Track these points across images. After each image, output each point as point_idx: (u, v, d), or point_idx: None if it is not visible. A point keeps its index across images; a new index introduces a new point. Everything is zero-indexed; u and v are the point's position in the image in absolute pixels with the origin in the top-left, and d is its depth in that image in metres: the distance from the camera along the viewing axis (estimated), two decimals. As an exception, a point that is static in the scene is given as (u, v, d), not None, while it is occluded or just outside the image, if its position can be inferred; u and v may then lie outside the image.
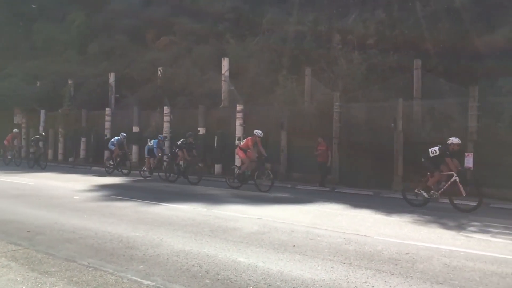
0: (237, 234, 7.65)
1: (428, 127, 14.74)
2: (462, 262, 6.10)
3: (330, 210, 10.67)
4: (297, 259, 6.17)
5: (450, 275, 5.52)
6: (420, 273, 5.59)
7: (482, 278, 5.42)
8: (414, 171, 14.05)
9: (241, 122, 18.57)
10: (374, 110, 15.73)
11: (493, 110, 13.59)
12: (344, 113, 16.21)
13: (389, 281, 5.29)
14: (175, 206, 10.66)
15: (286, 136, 17.37)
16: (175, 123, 20.97)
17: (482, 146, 13.39)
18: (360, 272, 5.60)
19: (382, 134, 15.17)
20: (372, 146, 15.15)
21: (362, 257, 6.31)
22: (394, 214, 10.10)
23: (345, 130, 16.12)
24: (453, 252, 6.68)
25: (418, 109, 14.96)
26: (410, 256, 6.38)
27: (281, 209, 10.59)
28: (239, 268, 5.71)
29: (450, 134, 13.90)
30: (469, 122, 13.59)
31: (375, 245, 6.97)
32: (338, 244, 7.04)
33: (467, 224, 9.03)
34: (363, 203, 11.73)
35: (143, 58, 25.05)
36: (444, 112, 14.54)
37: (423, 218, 9.64)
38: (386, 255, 6.43)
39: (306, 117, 17.15)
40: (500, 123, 13.49)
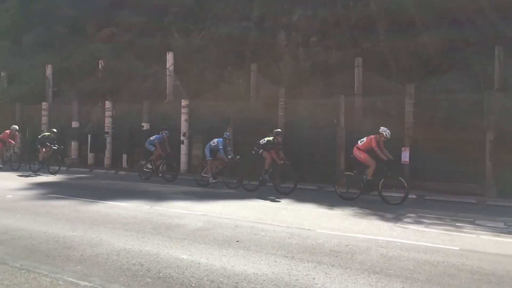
0: (180, 231, 7.54)
1: (369, 123, 15.26)
2: (398, 252, 6.37)
3: (275, 205, 10.79)
4: (241, 254, 6.18)
5: (387, 265, 5.75)
6: (358, 264, 5.78)
7: (416, 267, 5.68)
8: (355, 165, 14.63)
9: (186, 117, 18.34)
10: (318, 106, 16.06)
11: (429, 107, 14.28)
12: (289, 109, 16.43)
13: (330, 272, 5.42)
14: (117, 204, 10.34)
15: (232, 132, 17.32)
16: (117, 118, 20.34)
17: (418, 141, 14.07)
18: (302, 265, 5.70)
19: (325, 129, 15.53)
20: (316, 142, 15.50)
21: (305, 250, 6.42)
22: (337, 207, 10.38)
23: (290, 126, 16.34)
24: (390, 242, 6.96)
25: (359, 106, 15.44)
26: (350, 248, 6.58)
27: (225, 205, 10.57)
28: (181, 265, 5.62)
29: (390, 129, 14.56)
30: (406, 118, 14.21)
31: (317, 238, 7.12)
32: (282, 238, 7.13)
33: (403, 215, 9.45)
34: (307, 197, 11.95)
35: (84, 50, 24.06)
36: (384, 109, 15.13)
37: (363, 211, 9.98)
38: (328, 247, 6.59)
39: (252, 113, 17.22)
40: (435, 120, 14.22)
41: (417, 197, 12.34)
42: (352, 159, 12.10)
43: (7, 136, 18.41)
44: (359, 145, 11.67)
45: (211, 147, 14.17)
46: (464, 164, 12.59)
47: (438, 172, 13.46)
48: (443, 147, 13.52)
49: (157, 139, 15.80)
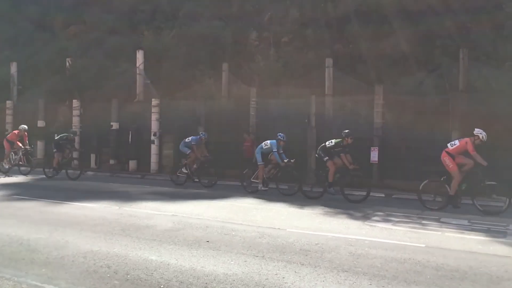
0: (150, 232, 7.44)
1: (339, 123, 15.45)
2: (366, 250, 6.48)
3: (246, 205, 10.79)
4: (211, 254, 6.15)
5: (355, 263, 5.84)
6: (328, 262, 5.84)
7: (383, 264, 5.79)
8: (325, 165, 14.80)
9: (157, 117, 18.12)
10: (289, 106, 16.15)
11: (396, 107, 14.58)
12: (261, 109, 16.47)
13: (299, 271, 5.46)
14: (84, 205, 10.12)
15: (203, 131, 17.20)
16: (86, 117, 19.90)
17: (387, 141, 14.34)
18: (272, 264, 5.72)
19: (296, 129, 15.63)
20: (287, 141, 15.54)
21: (275, 249, 6.45)
22: (307, 207, 10.47)
23: (261, 126, 16.38)
24: (359, 241, 7.07)
25: (329, 106, 15.61)
26: (319, 246, 6.65)
27: (196, 205, 10.50)
28: (150, 266, 5.55)
29: (358, 129, 14.82)
30: (375, 118, 14.47)
31: (287, 238, 7.16)
32: (252, 238, 7.14)
33: (372, 214, 9.62)
34: (278, 197, 12.00)
35: (50, 47, 23.42)
36: (353, 109, 15.35)
37: (333, 210, 10.10)
38: (298, 246, 6.63)
39: (224, 112, 17.18)
40: (403, 120, 14.52)
41: (385, 196, 12.60)
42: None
43: (16, 137, 16.51)
44: (449, 149, 10.32)
45: (263, 150, 12.70)
46: (431, 163, 12.86)
47: (406, 171, 13.75)
48: (410, 146, 13.83)
49: (194, 141, 14.44)
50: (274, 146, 12.56)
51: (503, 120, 12.56)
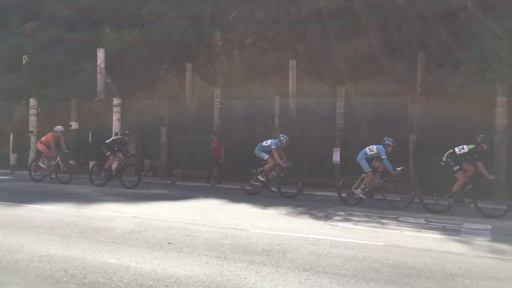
0: (109, 234, 7.27)
1: (302, 124, 15.65)
2: (327, 249, 6.58)
3: (209, 206, 10.73)
4: (173, 256, 6.07)
5: (316, 262, 5.91)
6: (289, 262, 5.88)
7: (344, 263, 5.89)
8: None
9: (118, 116, 17.75)
10: (253, 107, 16.22)
11: (358, 109, 14.90)
12: (225, 109, 16.44)
13: (261, 271, 5.48)
14: (41, 207, 9.77)
15: (166, 131, 17.05)
16: (43, 117, 19.24)
17: (348, 141, 14.62)
18: (234, 265, 5.71)
19: (260, 130, 15.70)
20: (251, 142, 15.57)
21: (237, 250, 6.44)
22: (270, 207, 10.52)
23: (225, 126, 16.35)
24: (320, 240, 7.17)
25: (293, 107, 15.78)
26: (281, 246, 6.69)
27: (159, 206, 10.35)
28: (109, 270, 5.42)
29: (322, 131, 15.06)
30: (337, 119, 14.72)
31: (250, 238, 7.17)
32: (215, 239, 7.10)
33: (333, 214, 9.77)
34: (242, 197, 12.00)
35: (6, 44, 22.51)
36: (316, 110, 15.58)
37: (296, 210, 10.19)
38: (260, 247, 6.65)
39: (187, 112, 17.05)
40: (363, 121, 14.85)
41: (346, 195, 12.78)
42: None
43: (52, 139, 14.58)
44: None
45: (368, 156, 11.25)
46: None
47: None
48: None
49: (274, 145, 12.52)
50: (382, 151, 11.02)
51: (457, 122, 13.05)
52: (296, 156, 14.95)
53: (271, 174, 12.63)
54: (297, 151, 14.96)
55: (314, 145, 14.67)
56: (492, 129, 12.58)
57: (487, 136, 10.50)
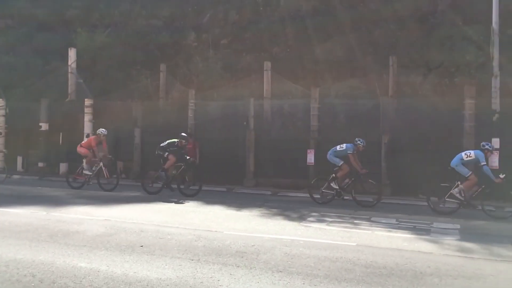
0: (80, 237, 7.12)
1: (277, 125, 15.71)
2: (301, 250, 6.61)
3: (183, 208, 10.65)
4: (145, 259, 5.99)
5: (289, 263, 5.93)
6: (263, 263, 5.89)
7: (317, 264, 5.94)
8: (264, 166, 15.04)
9: (90, 118, 17.43)
10: (228, 108, 16.18)
11: (332, 111, 15.05)
12: (199, 111, 16.35)
13: (235, 273, 5.46)
14: (8, 210, 9.48)
15: (140, 133, 16.84)
16: (12, 117, 18.71)
17: (322, 143, 14.74)
18: (208, 267, 5.68)
19: (235, 131, 15.69)
20: (226, 143, 15.59)
21: (211, 252, 6.40)
22: (245, 208, 10.51)
23: (200, 127, 16.27)
24: (294, 241, 7.20)
25: (268, 109, 15.82)
26: (255, 248, 6.69)
27: (131, 209, 10.20)
28: (79, 274, 5.30)
29: (296, 132, 15.15)
30: (311, 121, 14.84)
31: (224, 240, 7.14)
32: (188, 241, 7.04)
33: (307, 215, 9.83)
34: (217, 199, 11.95)
35: (-28, 42, 21.79)
36: (291, 112, 15.67)
37: (270, 211, 10.22)
38: (234, 248, 6.63)
39: (161, 113, 16.89)
40: (337, 123, 15.02)
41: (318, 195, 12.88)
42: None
43: (94, 143, 13.58)
44: None
45: (466, 161, 10.36)
46: (364, 165, 13.29)
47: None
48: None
49: (350, 149, 11.47)
50: (481, 157, 10.21)
51: (428, 124, 13.36)
52: (271, 158, 15.06)
53: (345, 181, 11.54)
54: (272, 153, 15.04)
55: (289, 146, 14.73)
56: (461, 131, 12.92)
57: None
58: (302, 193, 13.39)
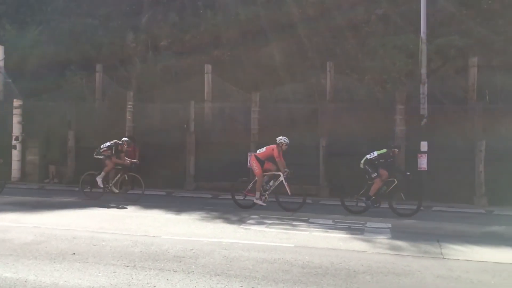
0: (5, 246, 6.69)
1: (218, 128, 15.67)
2: (239, 253, 6.63)
3: (120, 213, 10.33)
4: (77, 267, 5.74)
5: (228, 266, 5.93)
6: (201, 268, 5.84)
7: (255, 266, 5.98)
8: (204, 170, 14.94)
9: (19, 119, 16.46)
10: (168, 111, 15.92)
11: (271, 115, 15.25)
12: (138, 113, 15.94)
13: (172, 278, 5.37)
14: None
15: (74, 135, 16.12)
16: None
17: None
18: (144, 273, 5.54)
19: (175, 135, 15.46)
20: (166, 146, 15.31)
21: (147, 258, 6.26)
22: (184, 212, 10.37)
23: (139, 130, 15.85)
24: (233, 244, 7.21)
25: (208, 112, 15.75)
26: (194, 252, 6.62)
27: (64, 215, 9.74)
28: (4, 285, 4.98)
29: (237, 135, 15.19)
30: (252, 125, 14.95)
31: (161, 245, 7.00)
32: (124, 247, 6.83)
33: (247, 217, 9.88)
34: (156, 203, 11.69)
35: None
36: (232, 115, 15.70)
37: (210, 214, 10.16)
38: (172, 253, 6.52)
39: (98, 115, 16.28)
40: (277, 126, 15.23)
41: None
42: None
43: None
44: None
45: None
46: (304, 167, 13.55)
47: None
48: (285, 152, 14.54)
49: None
50: None
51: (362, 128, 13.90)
52: (212, 161, 14.97)
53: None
54: (213, 156, 14.96)
55: (230, 149, 14.73)
56: (393, 135, 13.57)
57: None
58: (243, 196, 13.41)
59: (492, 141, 12.72)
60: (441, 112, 13.62)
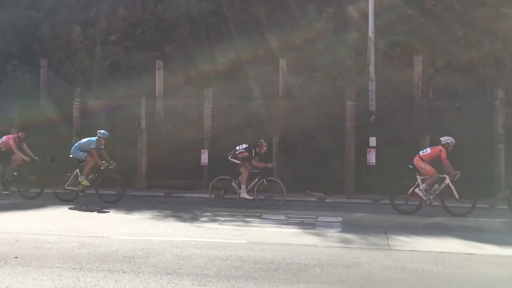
0: None
1: (170, 125, 15.43)
2: (191, 251, 6.56)
3: (67, 213, 9.96)
4: (20, 271, 5.48)
5: (179, 265, 5.85)
6: (152, 267, 5.73)
7: (207, 263, 5.94)
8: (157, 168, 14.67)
9: (-48, 117, 15.46)
10: (118, 108, 15.48)
11: (225, 111, 15.20)
12: (86, 110, 15.41)
13: (120, 280, 5.24)
14: None
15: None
16: None
17: (216, 143, 14.82)
18: (91, 276, 5.37)
19: (126, 132, 15.07)
20: (116, 144, 14.86)
21: (95, 259, 6.06)
22: (135, 211, 10.15)
23: (87, 128, 15.31)
24: (185, 242, 7.13)
25: (160, 108, 15.47)
26: (144, 252, 6.49)
27: (5, 217, 9.28)
28: None
29: (190, 132, 15.03)
30: (205, 121, 14.84)
31: (110, 245, 6.81)
32: (71, 249, 6.59)
33: (200, 215, 9.80)
34: (105, 203, 11.34)
35: None
36: (185, 112, 15.50)
37: (162, 213, 10.00)
38: (121, 254, 6.36)
39: (42, 113, 15.56)
40: (231, 123, 15.21)
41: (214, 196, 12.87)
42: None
43: None
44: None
45: None
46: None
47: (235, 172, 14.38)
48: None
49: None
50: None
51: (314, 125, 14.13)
52: (164, 158, 14.73)
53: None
54: (165, 153, 14.72)
55: (183, 146, 14.55)
56: (343, 131, 13.90)
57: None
58: (196, 194, 13.32)
59: (436, 136, 13.30)
60: (388, 108, 14.09)
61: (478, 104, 13.68)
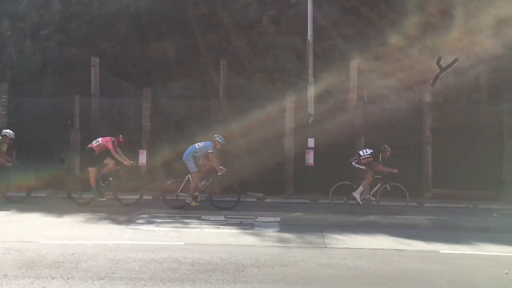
0: None
1: (107, 125, 14.87)
2: (126, 254, 6.36)
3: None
4: None
5: (113, 269, 5.66)
6: (83, 272, 5.50)
7: (142, 266, 5.78)
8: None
9: None
10: (50, 106, 14.71)
11: (164, 111, 14.91)
12: (14, 108, 14.50)
13: (48, 286, 4.99)
14: None
15: None
16: None
17: (156, 143, 14.50)
18: (17, 283, 5.06)
19: (58, 131, 14.35)
20: (49, 144, 14.15)
21: (22, 265, 5.72)
22: (67, 215, 9.67)
23: (16, 127, 14.38)
24: (120, 245, 6.90)
25: (96, 107, 14.87)
26: (75, 256, 6.20)
27: None
28: None
29: (127, 132, 14.57)
30: (143, 121, 14.47)
31: (39, 251, 6.45)
32: (-6, 255, 6.16)
33: (136, 217, 9.53)
34: (34, 206, 10.72)
35: None
36: (122, 111, 15.01)
37: (96, 215, 9.62)
38: (50, 259, 6.04)
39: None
40: (170, 123, 14.94)
41: (152, 198, 12.61)
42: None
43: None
44: None
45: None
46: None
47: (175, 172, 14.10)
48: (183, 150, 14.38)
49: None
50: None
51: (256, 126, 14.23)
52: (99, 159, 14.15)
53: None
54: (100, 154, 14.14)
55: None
56: (283, 132, 14.11)
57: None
58: (134, 195, 12.90)
59: (370, 138, 13.86)
60: (326, 110, 14.48)
61: (407, 107, 14.41)
